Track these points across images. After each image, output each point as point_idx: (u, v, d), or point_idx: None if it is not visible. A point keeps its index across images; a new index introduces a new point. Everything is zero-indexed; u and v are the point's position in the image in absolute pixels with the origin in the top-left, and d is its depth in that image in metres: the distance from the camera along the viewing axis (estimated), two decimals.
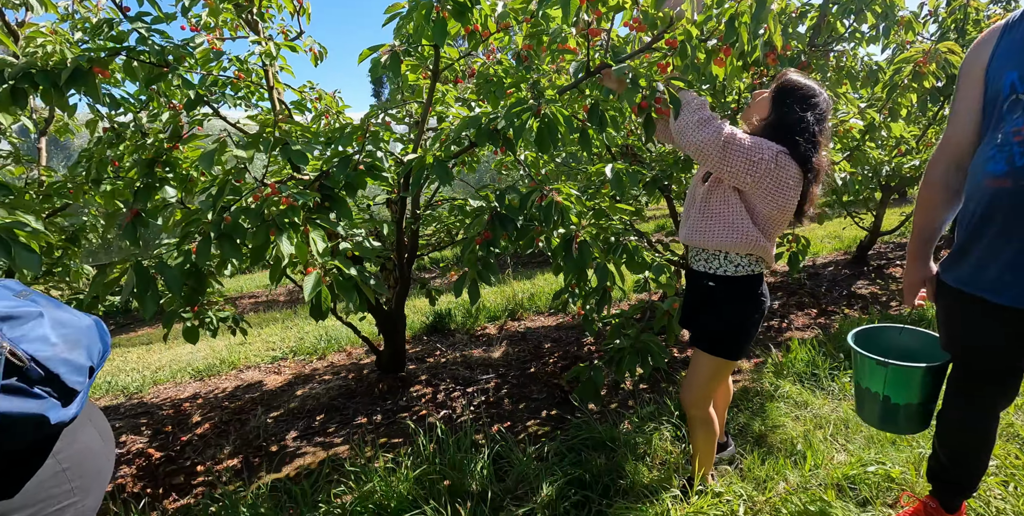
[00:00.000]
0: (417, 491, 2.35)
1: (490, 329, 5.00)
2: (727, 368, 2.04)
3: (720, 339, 1.98)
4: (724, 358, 1.98)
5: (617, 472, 2.47)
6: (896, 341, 1.95)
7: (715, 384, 2.06)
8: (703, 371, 2.03)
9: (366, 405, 3.46)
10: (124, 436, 3.55)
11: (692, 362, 2.08)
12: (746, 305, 1.96)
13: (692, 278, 2.10)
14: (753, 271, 1.93)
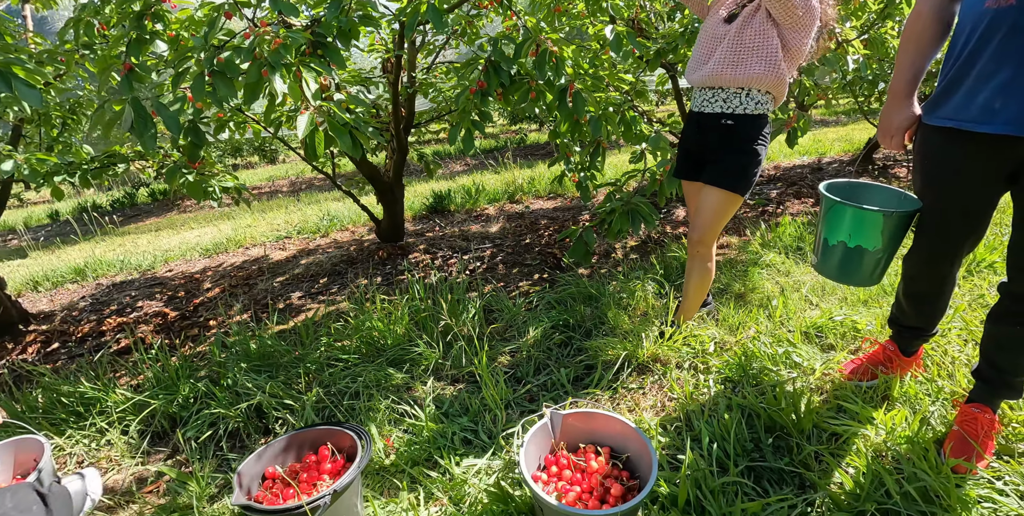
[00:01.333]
0: (412, 331, 2.51)
1: (489, 210, 5.03)
2: (736, 205, 2.11)
3: (739, 174, 2.05)
4: (738, 194, 2.06)
5: (600, 319, 2.61)
6: (868, 199, 1.92)
7: (724, 222, 2.14)
8: (717, 208, 2.09)
9: (366, 270, 3.59)
10: (141, 302, 3.75)
11: (703, 203, 2.13)
12: (759, 142, 2.04)
13: (703, 122, 2.11)
14: (767, 110, 2.01)
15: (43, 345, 3.26)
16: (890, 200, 1.86)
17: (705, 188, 2.12)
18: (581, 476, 1.51)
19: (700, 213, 2.14)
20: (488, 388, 1.96)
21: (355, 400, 2.13)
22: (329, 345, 2.45)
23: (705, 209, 2.12)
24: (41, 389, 2.41)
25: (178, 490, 1.75)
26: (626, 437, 1.57)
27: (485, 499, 1.57)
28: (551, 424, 1.59)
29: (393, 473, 1.74)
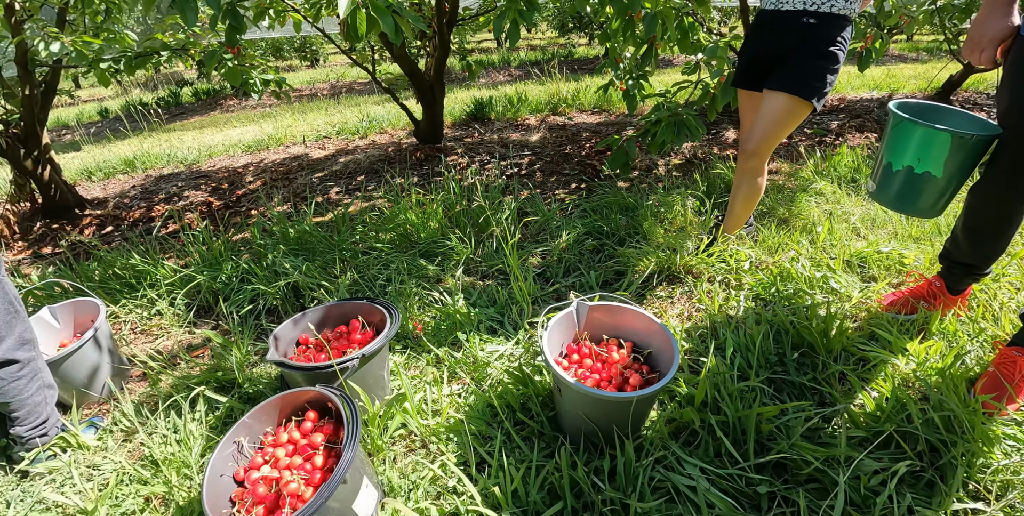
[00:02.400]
0: (446, 226, 2.48)
1: (530, 120, 4.80)
2: (802, 116, 1.88)
3: (813, 79, 1.82)
4: (808, 101, 1.83)
5: (635, 229, 2.52)
6: (941, 123, 1.68)
7: (786, 131, 1.92)
8: (780, 116, 1.87)
9: (403, 169, 3.53)
10: (187, 192, 3.82)
11: (765, 110, 1.90)
12: (839, 46, 1.80)
13: (778, 22, 1.87)
14: (852, 11, 1.79)
15: (98, 228, 3.40)
16: (966, 124, 1.63)
17: (770, 95, 1.88)
18: (602, 366, 1.51)
19: (759, 121, 1.92)
20: (518, 280, 1.94)
21: (387, 285, 2.16)
22: (364, 235, 2.46)
23: (766, 116, 1.90)
24: (97, 262, 2.54)
25: (223, 354, 1.85)
26: (650, 333, 1.54)
27: (506, 380, 1.60)
28: (576, 313, 1.57)
29: (420, 351, 1.79)
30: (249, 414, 1.25)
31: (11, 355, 1.47)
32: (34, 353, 1.53)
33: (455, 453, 1.40)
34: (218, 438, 1.53)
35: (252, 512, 1.11)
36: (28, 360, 1.51)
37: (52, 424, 1.59)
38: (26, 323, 1.52)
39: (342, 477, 1.05)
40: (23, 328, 1.50)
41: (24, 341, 1.50)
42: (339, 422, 1.27)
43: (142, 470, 1.44)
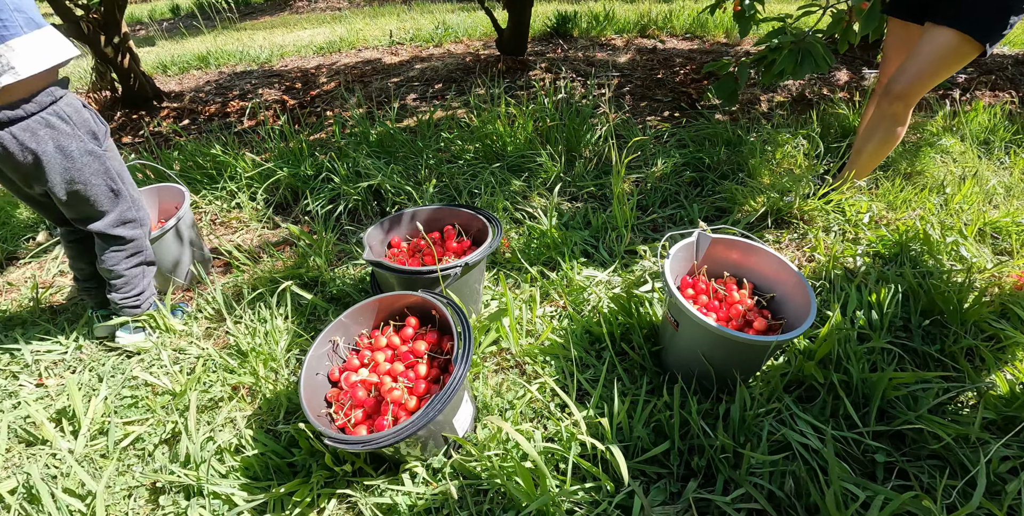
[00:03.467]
0: (535, 140, 2.22)
1: (616, 41, 4.29)
2: (968, 58, 1.51)
3: (990, 15, 1.42)
4: (980, 41, 1.44)
5: (739, 165, 2.21)
6: None
7: (944, 75, 1.56)
8: (942, 55, 1.50)
9: (484, 81, 3.21)
10: (261, 90, 3.61)
11: (923, 47, 1.53)
12: None
13: None
14: None
15: (175, 120, 3.27)
16: None
17: (933, 30, 1.50)
18: (719, 305, 1.31)
19: (915, 60, 1.55)
20: (621, 204, 1.71)
21: (475, 197, 1.96)
22: (448, 142, 2.23)
23: (925, 55, 1.52)
24: (178, 151, 2.41)
25: (307, 251, 1.73)
26: (777, 276, 1.32)
27: (608, 307, 1.42)
28: (697, 245, 1.35)
29: (509, 269, 1.62)
30: (346, 313, 1.12)
31: (111, 231, 1.39)
32: (139, 232, 1.44)
33: (552, 377, 1.26)
34: (304, 334, 1.43)
35: (350, 414, 1.01)
36: (132, 237, 1.43)
37: (145, 298, 1.52)
38: (131, 202, 1.41)
39: (455, 390, 0.91)
40: (126, 207, 1.40)
41: (127, 220, 1.41)
42: (443, 331, 1.13)
43: (229, 359, 1.37)
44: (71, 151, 1.21)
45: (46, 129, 1.16)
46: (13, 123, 1.11)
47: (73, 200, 1.29)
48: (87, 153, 1.25)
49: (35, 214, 2.39)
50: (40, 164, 1.18)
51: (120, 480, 1.19)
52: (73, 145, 1.21)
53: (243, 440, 1.16)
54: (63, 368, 1.54)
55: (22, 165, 1.17)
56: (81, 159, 1.24)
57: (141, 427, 1.27)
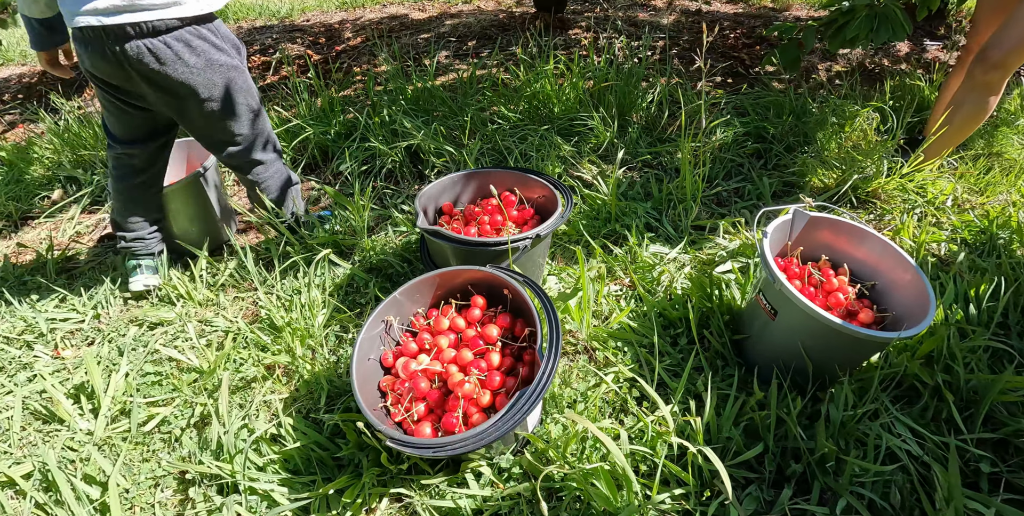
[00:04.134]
0: (586, 101, 1.99)
1: (657, 1, 3.95)
2: None
3: None
4: None
5: (805, 138, 1.97)
6: None
7: None
8: None
9: (519, 38, 2.93)
10: (283, 45, 3.34)
11: (1021, 8, 1.32)
12: None
13: None
14: None
15: None
16: None
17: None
18: (815, 291, 1.12)
19: (1016, 25, 1.37)
20: (688, 176, 1.50)
21: (525, 161, 1.76)
22: (491, 101, 2.01)
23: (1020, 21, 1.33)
24: None
25: (343, 215, 1.54)
26: (880, 262, 1.13)
27: (680, 290, 1.24)
28: (792, 224, 1.16)
29: (568, 242, 1.43)
30: (401, 290, 0.94)
31: (254, 156, 1.35)
32: (274, 154, 1.40)
33: (628, 366, 1.09)
34: (345, 310, 1.26)
35: (412, 408, 0.84)
36: (271, 161, 1.39)
37: (299, 210, 1.49)
38: (267, 123, 1.36)
39: (543, 389, 0.74)
40: (267, 127, 1.36)
41: (268, 141, 1.38)
42: (515, 314, 0.95)
43: (261, 334, 1.21)
44: (221, 63, 1.17)
45: (199, 40, 1.13)
46: (171, 31, 1.09)
47: (218, 116, 1.23)
48: (232, 68, 1.20)
49: (49, 170, 2.21)
50: (192, 73, 1.14)
51: (145, 468, 1.04)
52: (222, 58, 1.17)
53: (282, 429, 1.01)
54: (80, 338, 1.39)
55: (172, 75, 1.12)
56: (228, 74, 1.20)
57: (166, 408, 1.12)
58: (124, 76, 1.12)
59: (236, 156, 1.33)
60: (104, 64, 1.09)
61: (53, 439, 1.13)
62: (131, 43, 1.06)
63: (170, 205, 1.48)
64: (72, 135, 2.26)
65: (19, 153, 2.27)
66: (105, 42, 1.06)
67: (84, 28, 1.05)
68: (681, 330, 1.17)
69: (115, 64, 1.09)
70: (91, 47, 1.08)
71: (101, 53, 1.07)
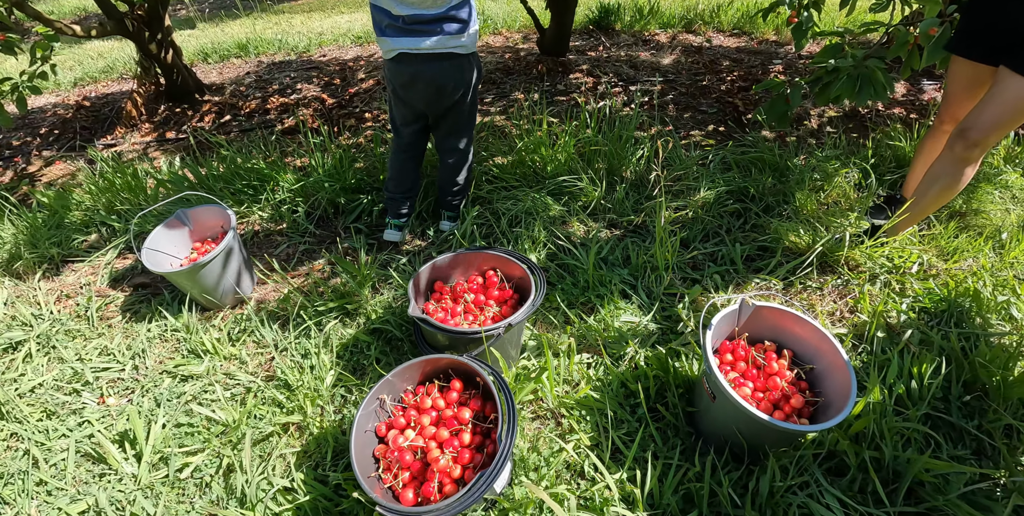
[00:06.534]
0: (576, 161, 2.20)
1: (660, 36, 4.14)
2: None
3: None
4: None
5: (784, 197, 2.15)
6: None
7: (1019, 123, 1.48)
8: (1018, 100, 1.42)
9: (523, 83, 3.15)
10: (300, 85, 3.61)
11: (1001, 94, 1.45)
12: None
13: None
14: None
15: (217, 116, 3.32)
16: None
17: (1011, 79, 1.41)
18: (756, 373, 1.31)
19: (994, 106, 1.47)
20: (662, 247, 1.70)
21: (516, 224, 1.97)
22: (487, 159, 2.23)
23: (1006, 103, 1.44)
24: (220, 160, 2.46)
25: (350, 282, 1.78)
26: (819, 347, 1.31)
27: (643, 361, 1.45)
28: (739, 311, 1.35)
29: (549, 309, 1.65)
30: (393, 373, 1.17)
31: (467, 147, 1.88)
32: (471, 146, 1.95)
33: (588, 434, 1.30)
34: (349, 376, 1.49)
35: (398, 477, 1.06)
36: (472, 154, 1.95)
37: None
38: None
39: (500, 467, 0.96)
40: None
41: (472, 139, 1.93)
42: (486, 397, 1.17)
43: (277, 392, 1.44)
44: (479, 76, 1.76)
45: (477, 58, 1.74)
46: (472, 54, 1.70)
47: (466, 115, 1.79)
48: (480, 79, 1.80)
49: (86, 215, 2.49)
50: (471, 83, 1.73)
51: (180, 508, 1.28)
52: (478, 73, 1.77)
53: (295, 484, 1.24)
54: (121, 387, 1.65)
55: (461, 84, 1.69)
56: (478, 83, 1.78)
57: (198, 457, 1.36)
58: None
59: (460, 147, 1.88)
60: None
61: (102, 480, 1.37)
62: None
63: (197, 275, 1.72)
64: (107, 182, 2.54)
65: (60, 199, 2.56)
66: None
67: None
68: (640, 400, 1.37)
69: None
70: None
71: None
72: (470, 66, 1.70)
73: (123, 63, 4.81)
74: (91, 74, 4.69)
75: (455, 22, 1.59)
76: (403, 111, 1.80)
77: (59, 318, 1.93)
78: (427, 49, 1.60)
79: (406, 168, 1.91)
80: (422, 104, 1.74)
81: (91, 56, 5.41)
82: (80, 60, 5.27)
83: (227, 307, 1.85)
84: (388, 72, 1.72)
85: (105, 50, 5.55)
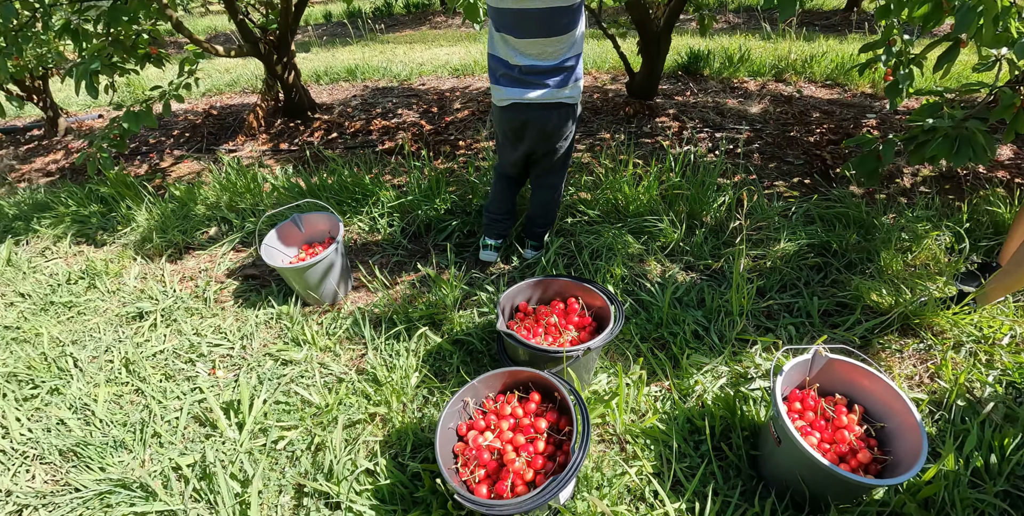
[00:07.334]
0: (657, 202, 2.32)
1: (749, 84, 4.23)
2: None
3: None
4: None
5: (868, 255, 2.16)
6: None
7: None
8: None
9: (610, 124, 3.33)
10: (400, 110, 3.98)
11: None
12: None
13: None
14: None
15: (325, 132, 3.71)
16: None
17: None
18: (824, 424, 1.35)
19: None
20: (737, 293, 1.78)
21: (596, 259, 2.10)
22: (573, 194, 2.39)
23: None
24: (329, 172, 2.77)
25: (436, 285, 1.96)
26: (891, 406, 1.33)
27: (710, 400, 1.51)
28: (812, 361, 1.40)
29: (622, 340, 1.75)
30: (478, 379, 1.31)
31: (560, 182, 2.05)
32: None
33: (651, 462, 1.37)
34: (432, 379, 1.65)
35: (474, 472, 1.19)
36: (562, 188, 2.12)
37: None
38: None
39: (570, 477, 1.06)
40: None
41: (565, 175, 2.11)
42: (561, 411, 1.29)
43: (366, 385, 1.62)
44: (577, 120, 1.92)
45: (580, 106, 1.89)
46: (577, 103, 1.85)
47: (563, 156, 1.95)
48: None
49: (209, 210, 2.86)
50: (574, 129, 1.90)
51: (273, 475, 1.46)
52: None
53: (377, 467, 1.39)
54: (229, 362, 1.89)
55: (566, 130, 1.85)
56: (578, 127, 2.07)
57: (292, 433, 1.55)
58: None
59: (554, 183, 2.04)
60: None
61: (208, 441, 1.59)
62: None
63: (305, 273, 1.96)
64: (230, 183, 2.91)
65: (189, 194, 2.95)
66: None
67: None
68: (704, 437, 1.43)
69: None
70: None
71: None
72: (574, 114, 1.84)
73: (246, 79, 5.45)
74: (218, 86, 5.34)
75: (566, 73, 1.73)
76: (509, 151, 1.96)
77: (181, 296, 2.24)
78: (538, 99, 1.73)
79: (506, 194, 2.08)
80: (527, 147, 1.89)
81: (219, 70, 6.16)
82: (209, 73, 6.01)
83: (325, 304, 2.08)
84: (498, 117, 1.86)
85: (231, 66, 6.30)
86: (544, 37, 1.64)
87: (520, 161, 2.00)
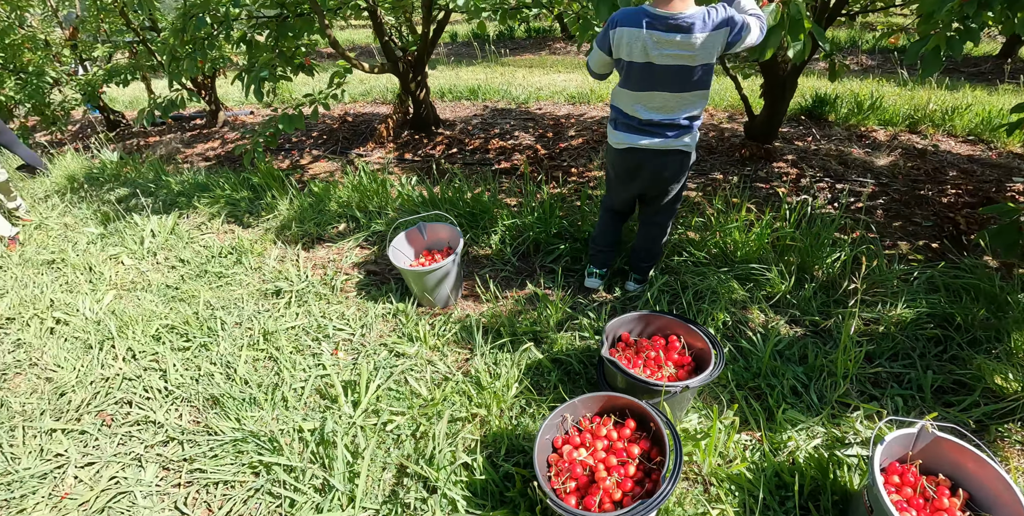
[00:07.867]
0: (767, 252, 2.33)
1: (879, 134, 4.04)
2: None
3: None
4: None
5: (996, 333, 2.02)
6: None
7: None
8: None
9: (724, 164, 3.35)
10: (517, 132, 4.23)
11: None
12: None
13: None
14: None
15: (446, 147, 4.03)
16: None
17: None
18: (923, 503, 1.32)
19: None
20: (844, 354, 1.76)
21: (700, 300, 2.16)
22: (681, 233, 2.46)
23: None
24: (451, 186, 3.03)
25: (542, 304, 2.12)
26: (1000, 499, 1.27)
27: (802, 459, 1.52)
28: (916, 436, 1.38)
29: (718, 384, 1.79)
30: (579, 399, 1.43)
31: (668, 222, 2.10)
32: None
33: (735, 508, 1.41)
34: (531, 391, 1.80)
35: (567, 483, 1.31)
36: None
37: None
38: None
39: (658, 504, 1.15)
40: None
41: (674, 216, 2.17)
42: (654, 441, 1.38)
43: (470, 387, 1.79)
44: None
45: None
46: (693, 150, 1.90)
47: (674, 197, 1.99)
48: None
49: (341, 208, 3.22)
50: (687, 173, 1.94)
51: (379, 453, 1.67)
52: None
53: (474, 462, 1.55)
54: (349, 347, 2.15)
55: (680, 175, 1.90)
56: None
57: (400, 418, 1.75)
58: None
59: (664, 222, 2.09)
60: None
61: (327, 412, 1.82)
62: None
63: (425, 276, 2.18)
64: (361, 185, 3.27)
65: (325, 191, 3.34)
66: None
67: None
68: (792, 493, 1.45)
69: None
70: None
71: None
72: (689, 160, 1.88)
73: (378, 90, 6.01)
74: (353, 96, 5.94)
75: (686, 122, 1.78)
76: (619, 190, 2.02)
77: (312, 281, 2.56)
78: (655, 146, 1.79)
79: (612, 228, 2.17)
80: (638, 188, 1.96)
81: (356, 80, 6.83)
82: (347, 82, 6.69)
83: (438, 307, 2.30)
84: (612, 157, 1.92)
85: (366, 78, 6.96)
86: (674, 92, 1.70)
87: (629, 201, 2.05)
